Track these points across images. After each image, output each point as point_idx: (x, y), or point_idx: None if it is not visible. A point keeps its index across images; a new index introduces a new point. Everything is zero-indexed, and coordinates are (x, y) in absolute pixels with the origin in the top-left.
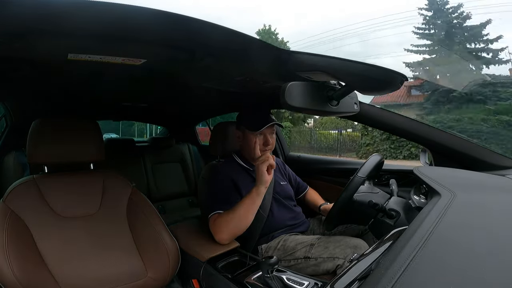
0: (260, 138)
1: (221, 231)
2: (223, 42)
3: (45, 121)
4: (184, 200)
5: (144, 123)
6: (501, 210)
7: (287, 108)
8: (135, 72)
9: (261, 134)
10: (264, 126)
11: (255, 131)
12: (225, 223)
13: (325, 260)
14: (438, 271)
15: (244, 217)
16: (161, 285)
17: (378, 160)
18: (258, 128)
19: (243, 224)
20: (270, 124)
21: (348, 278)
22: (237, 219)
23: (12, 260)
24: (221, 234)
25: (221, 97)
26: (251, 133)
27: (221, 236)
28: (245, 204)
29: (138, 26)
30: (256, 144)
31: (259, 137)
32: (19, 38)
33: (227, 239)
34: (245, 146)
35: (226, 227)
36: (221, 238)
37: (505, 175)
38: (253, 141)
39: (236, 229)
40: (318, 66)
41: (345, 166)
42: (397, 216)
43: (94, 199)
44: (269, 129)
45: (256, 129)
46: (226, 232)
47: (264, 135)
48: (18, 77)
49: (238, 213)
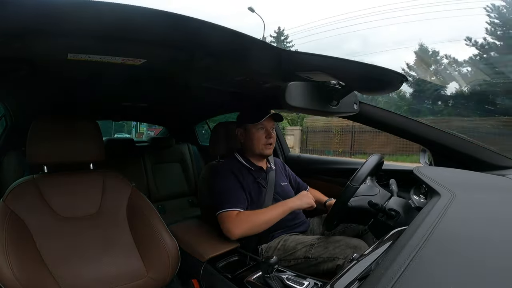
0: (262, 131)
1: (242, 227)
2: (223, 42)
3: (45, 121)
4: (184, 200)
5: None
6: (501, 210)
7: (287, 108)
8: (135, 72)
9: (262, 128)
10: (265, 117)
11: (256, 122)
12: (250, 221)
13: (325, 260)
14: (438, 271)
15: (270, 222)
16: (161, 285)
17: (375, 164)
18: (259, 119)
19: (264, 227)
20: (270, 116)
21: (348, 278)
22: (263, 221)
23: (12, 260)
24: (240, 229)
25: (221, 97)
26: (253, 126)
27: (239, 231)
28: (277, 210)
29: (138, 26)
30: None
31: (261, 130)
32: (19, 38)
33: (241, 235)
34: (248, 141)
35: (248, 224)
36: (238, 233)
37: (505, 175)
38: (255, 135)
39: (255, 230)
40: (318, 66)
41: (345, 166)
42: (397, 216)
43: (94, 199)
44: (269, 123)
45: (257, 120)
46: (245, 229)
47: (266, 128)
48: (18, 77)
49: (267, 215)
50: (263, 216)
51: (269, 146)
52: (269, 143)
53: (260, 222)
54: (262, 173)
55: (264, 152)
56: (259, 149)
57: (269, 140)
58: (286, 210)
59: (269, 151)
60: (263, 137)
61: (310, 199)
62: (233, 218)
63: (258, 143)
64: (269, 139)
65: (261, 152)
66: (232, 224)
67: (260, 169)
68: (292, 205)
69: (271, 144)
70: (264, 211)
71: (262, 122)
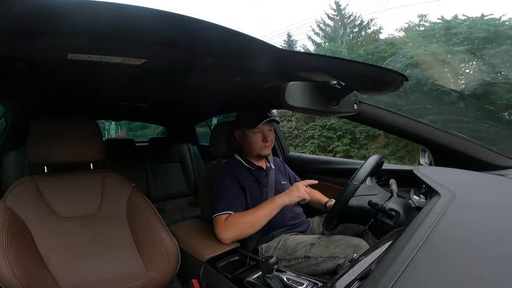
0: (258, 135)
1: (229, 231)
2: (222, 42)
3: (45, 121)
4: (184, 200)
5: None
6: (501, 210)
7: (287, 108)
8: (135, 72)
9: (259, 132)
10: (260, 123)
11: (252, 129)
12: (237, 224)
13: (326, 260)
14: (438, 271)
15: (259, 222)
16: (161, 285)
17: (375, 163)
18: (254, 125)
19: (254, 229)
20: (267, 121)
21: (348, 278)
22: (251, 223)
23: (12, 260)
24: (228, 234)
25: (221, 97)
26: (249, 131)
27: (227, 236)
28: (263, 210)
29: (138, 26)
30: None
31: (258, 134)
32: (19, 38)
33: (231, 240)
34: (245, 145)
35: (237, 228)
36: (226, 238)
37: (505, 175)
38: (252, 139)
39: (245, 232)
40: (318, 66)
41: (345, 166)
42: (397, 216)
43: (94, 199)
44: (266, 126)
45: (253, 127)
46: (234, 233)
47: (262, 132)
48: (18, 77)
49: (253, 217)
50: (251, 217)
51: (267, 147)
52: (266, 146)
53: (248, 223)
54: (262, 172)
55: (262, 153)
56: (257, 150)
57: (266, 144)
58: (274, 208)
59: (267, 151)
60: (260, 140)
61: (299, 192)
62: (222, 222)
63: (256, 145)
64: (265, 143)
65: (259, 153)
66: (220, 229)
67: (260, 169)
68: (279, 201)
69: (268, 146)
70: (251, 212)
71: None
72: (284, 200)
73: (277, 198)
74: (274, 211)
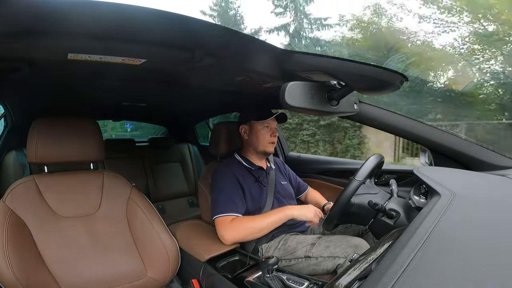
0: (267, 129)
1: (235, 234)
2: (222, 42)
3: (45, 121)
4: (184, 200)
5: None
6: (501, 210)
7: (287, 108)
8: (135, 72)
9: (267, 126)
10: (273, 115)
11: (264, 120)
12: (244, 229)
13: (326, 259)
14: (438, 271)
15: (265, 229)
16: (161, 285)
17: (377, 162)
18: (265, 117)
19: (259, 234)
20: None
21: (348, 278)
22: (258, 229)
23: (12, 260)
24: (232, 236)
25: (221, 97)
26: (258, 124)
27: (230, 238)
28: (271, 218)
29: (138, 26)
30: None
31: (266, 128)
32: (19, 38)
33: (234, 242)
34: (252, 138)
35: (242, 232)
36: (229, 239)
37: (505, 175)
38: (260, 132)
39: (250, 237)
40: (318, 66)
41: (345, 166)
42: (397, 216)
43: (94, 199)
44: (274, 122)
45: (263, 118)
46: (239, 235)
47: (270, 127)
48: (18, 77)
49: (260, 223)
50: (259, 223)
51: (272, 144)
52: (273, 142)
53: (255, 229)
54: (262, 172)
55: (267, 150)
56: (263, 146)
57: (273, 139)
58: (282, 218)
59: (272, 148)
60: (268, 135)
61: (309, 214)
62: (227, 224)
63: (263, 140)
64: (273, 138)
65: (265, 149)
66: (225, 230)
67: (260, 169)
68: (289, 212)
69: (274, 142)
70: (260, 218)
71: (268, 120)
72: (294, 213)
73: (287, 209)
74: (281, 221)
